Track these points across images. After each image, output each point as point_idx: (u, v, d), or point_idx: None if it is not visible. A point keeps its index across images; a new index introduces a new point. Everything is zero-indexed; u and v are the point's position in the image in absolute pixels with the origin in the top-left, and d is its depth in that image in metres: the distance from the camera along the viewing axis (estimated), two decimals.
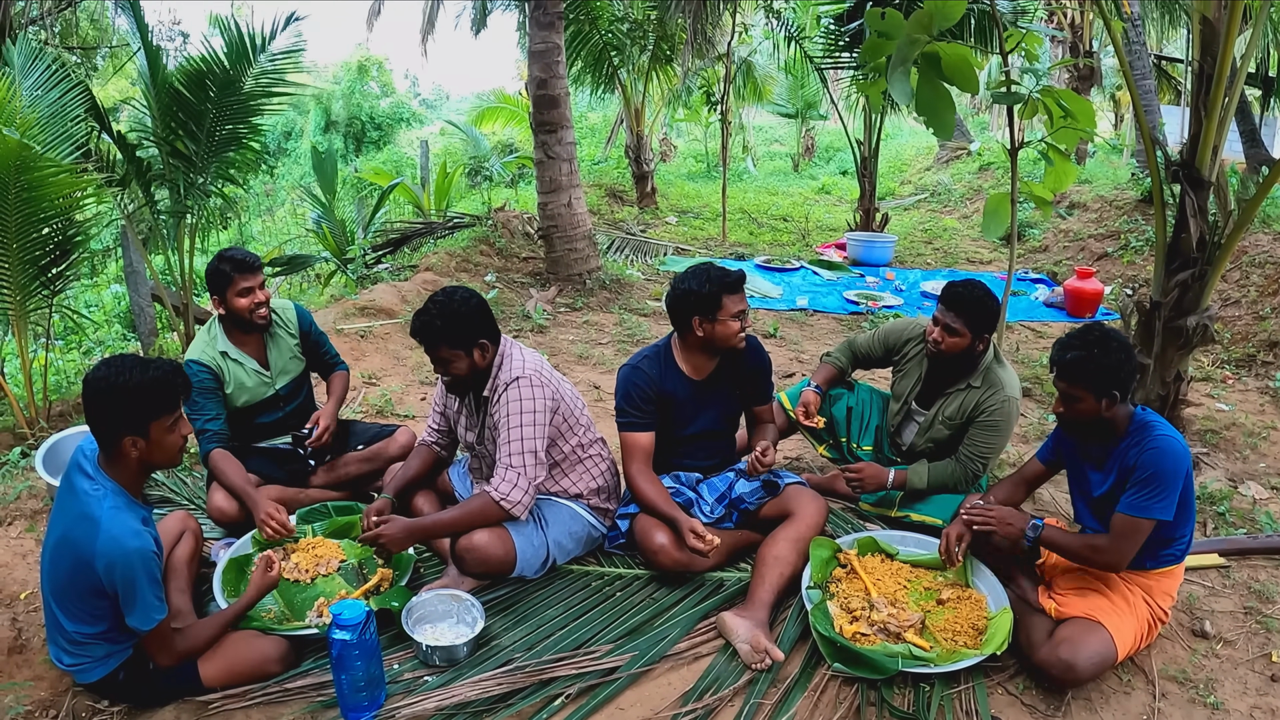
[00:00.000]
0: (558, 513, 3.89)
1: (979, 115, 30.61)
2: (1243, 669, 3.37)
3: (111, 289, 11.88)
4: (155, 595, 2.84)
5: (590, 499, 3.98)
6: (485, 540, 3.63)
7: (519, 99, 18.81)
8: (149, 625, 2.85)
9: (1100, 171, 15.13)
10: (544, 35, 8.91)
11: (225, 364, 4.16)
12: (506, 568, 3.72)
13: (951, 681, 3.20)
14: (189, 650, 3.05)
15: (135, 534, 2.79)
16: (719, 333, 3.80)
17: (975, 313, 4.00)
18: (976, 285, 4.05)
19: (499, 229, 10.60)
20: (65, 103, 6.08)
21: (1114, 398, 3.12)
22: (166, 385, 2.85)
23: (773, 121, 30.19)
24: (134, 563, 2.76)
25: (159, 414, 2.85)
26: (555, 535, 3.84)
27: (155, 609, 2.85)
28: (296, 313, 4.47)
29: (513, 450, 3.58)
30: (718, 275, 3.78)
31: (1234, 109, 4.84)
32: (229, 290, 4.08)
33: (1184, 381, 5.12)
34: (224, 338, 4.19)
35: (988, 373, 4.13)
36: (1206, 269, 4.86)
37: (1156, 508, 3.06)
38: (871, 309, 9.08)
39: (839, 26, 12.02)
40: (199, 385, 4.04)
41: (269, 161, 31.30)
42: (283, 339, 4.37)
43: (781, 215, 15.89)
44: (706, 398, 4.02)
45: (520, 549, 3.71)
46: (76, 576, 2.82)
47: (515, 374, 3.63)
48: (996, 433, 4.10)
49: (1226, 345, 7.56)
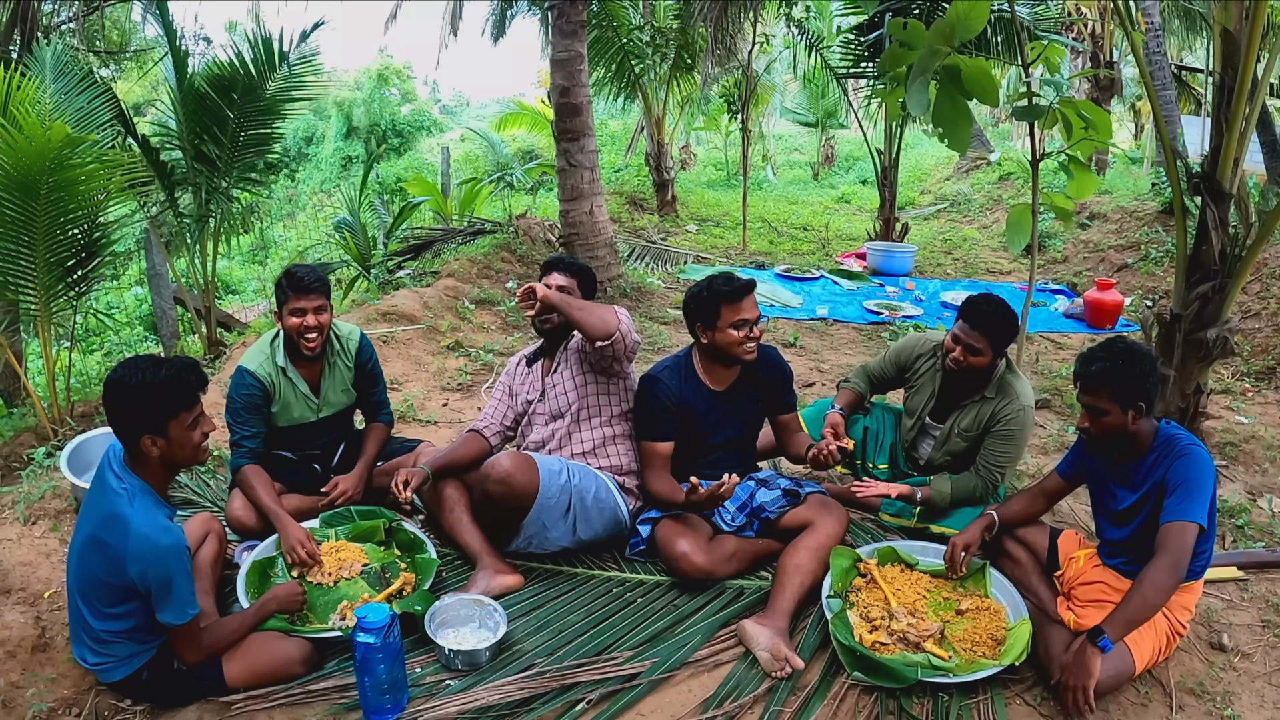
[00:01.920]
0: (588, 475, 3.95)
1: (999, 125, 30.54)
2: (1260, 682, 3.36)
3: (133, 291, 11.98)
4: (189, 590, 2.88)
5: (622, 477, 4.08)
6: (513, 463, 3.71)
7: (541, 106, 18.87)
8: (183, 620, 2.87)
9: (1120, 182, 15.08)
10: (567, 43, 8.93)
11: (280, 381, 4.08)
12: (527, 496, 3.74)
13: (970, 692, 3.20)
14: (213, 647, 3.08)
15: (166, 530, 2.82)
16: (720, 341, 3.82)
17: (999, 330, 4.00)
18: (997, 302, 4.03)
19: (520, 236, 10.63)
20: (93, 107, 6.15)
21: (1140, 409, 3.12)
22: (180, 384, 2.86)
23: (793, 130, 30.22)
24: (168, 559, 2.79)
25: (175, 412, 2.86)
26: (581, 488, 3.88)
27: (190, 604, 2.88)
28: (360, 343, 4.33)
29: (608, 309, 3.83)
30: (718, 284, 3.80)
31: (1255, 121, 4.83)
32: (283, 306, 4.00)
33: (1204, 394, 5.11)
34: (284, 354, 4.09)
35: (1001, 382, 4.12)
36: (1227, 281, 4.85)
37: (1196, 511, 3.04)
38: (891, 319, 9.08)
39: (859, 36, 12.03)
40: (247, 399, 4.00)
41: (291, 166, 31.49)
42: (339, 369, 4.25)
43: (801, 224, 15.89)
44: (728, 409, 4.03)
45: (544, 482, 3.75)
46: (106, 575, 2.85)
47: None
48: (1013, 442, 4.10)
49: (1247, 358, 7.53)
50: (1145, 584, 3.01)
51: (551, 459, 3.91)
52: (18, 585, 3.65)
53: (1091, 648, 2.97)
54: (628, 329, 3.81)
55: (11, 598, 3.58)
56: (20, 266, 5.50)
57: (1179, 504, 3.07)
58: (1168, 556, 3.02)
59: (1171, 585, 3.04)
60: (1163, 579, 3.01)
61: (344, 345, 4.26)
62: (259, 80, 6.97)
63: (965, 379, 4.15)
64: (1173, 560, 3.02)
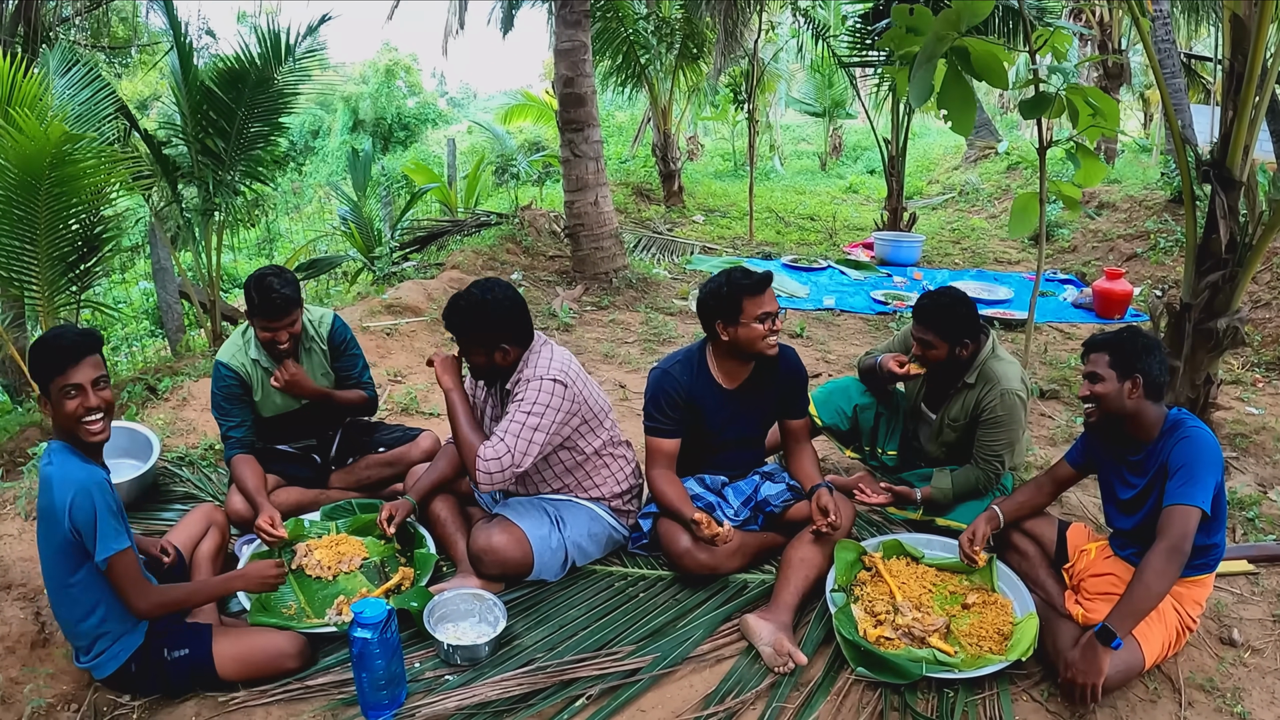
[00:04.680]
0: (577, 514, 3.88)
1: (1007, 114, 30.40)
2: (1270, 678, 3.32)
3: (140, 285, 11.99)
4: (113, 525, 2.88)
5: (612, 501, 3.97)
6: (503, 542, 3.65)
7: (547, 97, 18.84)
8: (109, 553, 2.86)
9: (1129, 171, 15.01)
10: (571, 34, 8.91)
11: (255, 372, 4.07)
12: (524, 570, 3.73)
13: (975, 687, 3.18)
14: (165, 601, 3.06)
15: (81, 468, 2.88)
16: (743, 336, 3.71)
17: (945, 321, 3.96)
18: (944, 294, 4.02)
19: (525, 227, 10.61)
20: (96, 102, 6.14)
21: (1136, 382, 3.10)
22: (49, 350, 2.91)
23: (800, 120, 30.09)
24: (89, 491, 2.83)
25: (49, 376, 2.90)
26: (574, 536, 3.84)
27: (113, 539, 2.87)
28: (333, 325, 4.29)
29: (511, 429, 3.53)
30: (738, 277, 3.71)
31: (1265, 108, 4.78)
32: (253, 318, 3.95)
33: (1214, 384, 5.07)
34: (257, 345, 4.05)
35: (983, 369, 4.05)
36: (1237, 270, 4.80)
37: (1199, 495, 2.99)
38: (899, 309, 9.04)
39: (866, 25, 11.96)
40: (225, 391, 4.01)
41: (297, 159, 31.53)
42: (315, 354, 4.23)
43: (809, 214, 15.84)
44: (738, 407, 3.96)
45: (538, 551, 3.71)
46: (53, 543, 2.89)
47: (540, 372, 3.62)
48: (1003, 429, 4.02)
49: (1257, 348, 7.48)
50: (1146, 571, 2.98)
51: (539, 518, 3.80)
52: (18, 580, 3.64)
53: (1101, 646, 2.94)
54: (489, 475, 3.53)
55: (11, 593, 3.57)
56: (23, 261, 5.50)
57: (1180, 487, 3.03)
58: (1166, 541, 2.99)
59: (1172, 571, 2.99)
60: (1161, 564, 2.97)
61: (317, 330, 4.23)
62: (267, 73, 6.97)
63: (943, 369, 4.11)
64: (1171, 545, 2.98)
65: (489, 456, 3.49)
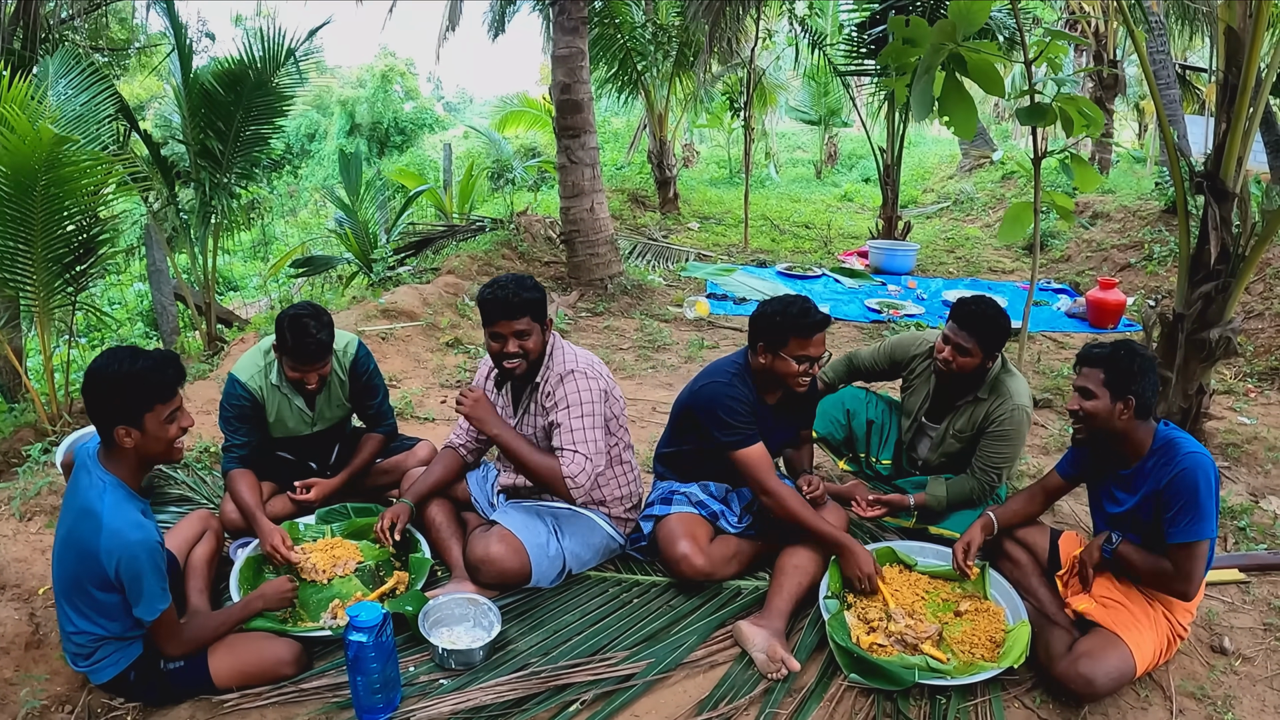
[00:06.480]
0: (576, 523, 3.89)
1: (1002, 124, 30.49)
2: (1261, 686, 3.34)
3: (135, 287, 11.98)
4: (159, 586, 2.86)
5: (613, 507, 3.98)
6: (501, 553, 3.65)
7: (542, 103, 18.86)
8: (153, 615, 2.86)
9: (1124, 181, 15.05)
10: (568, 40, 8.92)
11: (273, 396, 3.98)
12: (522, 579, 3.73)
13: (968, 694, 3.19)
14: (196, 640, 3.07)
15: (137, 525, 2.81)
16: (779, 368, 3.66)
17: (988, 331, 3.93)
18: (989, 303, 3.97)
19: (521, 233, 10.62)
20: (95, 103, 6.15)
21: (1128, 403, 3.10)
22: (157, 375, 2.84)
23: (795, 128, 30.17)
24: (139, 554, 2.77)
25: (150, 404, 2.83)
26: (572, 546, 3.84)
27: (159, 599, 2.86)
28: (356, 355, 4.16)
29: (577, 438, 3.57)
30: (794, 313, 3.61)
31: (1259, 120, 4.81)
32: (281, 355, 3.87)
33: (1206, 395, 5.09)
34: (279, 373, 3.95)
35: (996, 383, 4.07)
36: (1230, 281, 4.83)
37: (1206, 528, 3.02)
38: (893, 317, 9.05)
39: (862, 34, 12.00)
40: (237, 409, 3.92)
41: (293, 163, 31.53)
42: (334, 383, 4.11)
43: (803, 222, 15.86)
44: (775, 422, 3.91)
45: (535, 560, 3.71)
46: (82, 571, 2.84)
47: (570, 366, 3.64)
48: (1008, 442, 4.04)
49: (1249, 358, 7.51)
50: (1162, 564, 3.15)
51: (537, 527, 3.79)
52: (12, 581, 3.64)
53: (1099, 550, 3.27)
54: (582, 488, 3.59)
55: (6, 594, 3.57)
56: (18, 263, 5.49)
57: (1189, 524, 3.04)
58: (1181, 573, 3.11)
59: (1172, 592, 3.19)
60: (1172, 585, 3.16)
61: (339, 360, 4.09)
62: (266, 75, 6.99)
63: (957, 380, 4.10)
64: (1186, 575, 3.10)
65: (574, 474, 3.53)
